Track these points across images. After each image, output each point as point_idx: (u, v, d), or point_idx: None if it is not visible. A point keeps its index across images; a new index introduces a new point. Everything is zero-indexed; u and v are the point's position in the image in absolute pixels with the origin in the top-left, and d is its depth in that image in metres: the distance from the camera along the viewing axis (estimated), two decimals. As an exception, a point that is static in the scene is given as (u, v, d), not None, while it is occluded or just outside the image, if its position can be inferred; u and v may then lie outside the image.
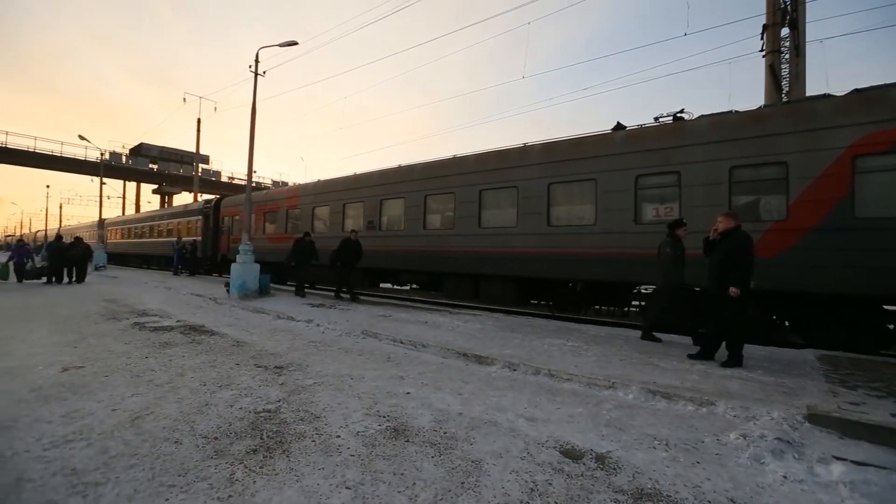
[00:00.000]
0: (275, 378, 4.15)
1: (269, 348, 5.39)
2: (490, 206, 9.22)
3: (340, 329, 6.52)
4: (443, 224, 10.00)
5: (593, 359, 4.82)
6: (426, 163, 10.67)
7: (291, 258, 10.85)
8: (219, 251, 17.97)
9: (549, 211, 8.25)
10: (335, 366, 4.61)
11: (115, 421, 3.06)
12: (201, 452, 2.61)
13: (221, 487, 2.23)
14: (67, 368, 4.35)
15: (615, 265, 7.34)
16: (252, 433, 2.90)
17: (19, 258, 14.19)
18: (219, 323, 7.16)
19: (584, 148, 7.93)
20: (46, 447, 2.64)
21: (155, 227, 24.61)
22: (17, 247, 14.80)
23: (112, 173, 35.91)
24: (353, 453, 2.63)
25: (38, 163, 33.78)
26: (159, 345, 5.48)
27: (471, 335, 6.13)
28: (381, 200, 11.17)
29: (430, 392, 3.82)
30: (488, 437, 2.90)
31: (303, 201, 13.55)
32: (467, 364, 4.86)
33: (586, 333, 6.37)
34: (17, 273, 13.97)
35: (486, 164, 9.30)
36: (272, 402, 3.50)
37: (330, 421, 3.12)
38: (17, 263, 14.06)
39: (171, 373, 4.26)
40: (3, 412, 3.17)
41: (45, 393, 3.62)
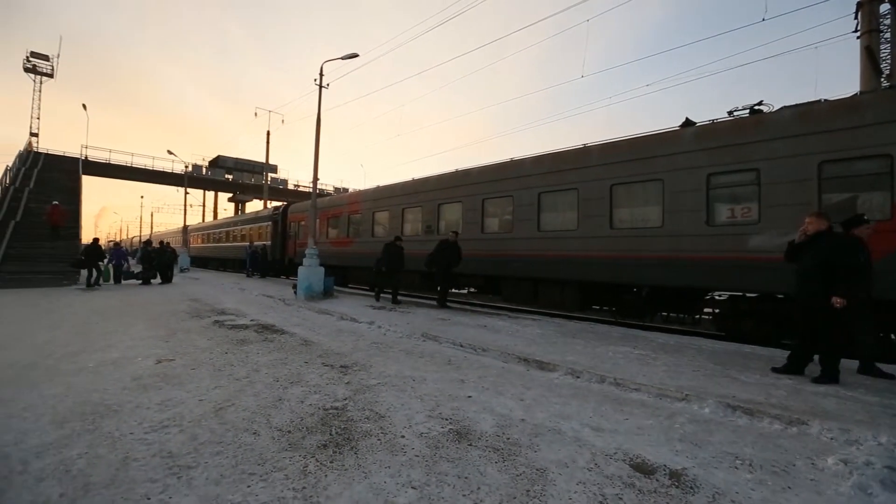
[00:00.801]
0: (341, 377, 4.32)
1: (334, 348, 5.63)
2: (549, 208, 9.04)
3: (401, 331, 6.67)
4: (501, 227, 9.94)
5: (663, 368, 4.56)
6: (483, 167, 10.68)
7: (382, 264, 10.32)
8: (286, 255, 19.06)
9: (612, 213, 7.94)
10: (397, 367, 4.73)
11: (202, 410, 3.34)
12: (277, 444, 2.78)
13: (296, 479, 2.37)
14: (161, 361, 4.81)
15: (685, 270, 6.92)
16: (322, 429, 3.04)
17: (118, 261, 15.82)
18: (288, 323, 7.59)
19: (649, 147, 7.56)
20: (147, 431, 2.94)
21: (230, 233, 26.60)
22: (116, 251, 16.51)
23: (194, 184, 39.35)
24: (417, 454, 2.68)
25: (134, 176, 37.83)
26: (237, 342, 5.91)
27: (531, 340, 6.03)
28: (439, 205, 11.31)
29: (492, 396, 3.81)
30: (553, 445, 2.84)
31: (363, 207, 14.04)
32: (528, 369, 4.79)
33: (654, 341, 6.06)
34: (115, 274, 15.62)
35: (545, 167, 9.13)
36: (339, 399, 3.65)
37: (394, 421, 3.20)
38: (116, 266, 15.68)
39: (248, 368, 4.57)
40: (112, 398, 3.56)
41: (144, 382, 4.03)
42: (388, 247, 10.33)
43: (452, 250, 9.50)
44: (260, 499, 2.16)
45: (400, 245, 10.40)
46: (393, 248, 10.28)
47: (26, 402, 3.45)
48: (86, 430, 2.94)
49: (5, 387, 3.81)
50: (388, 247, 10.32)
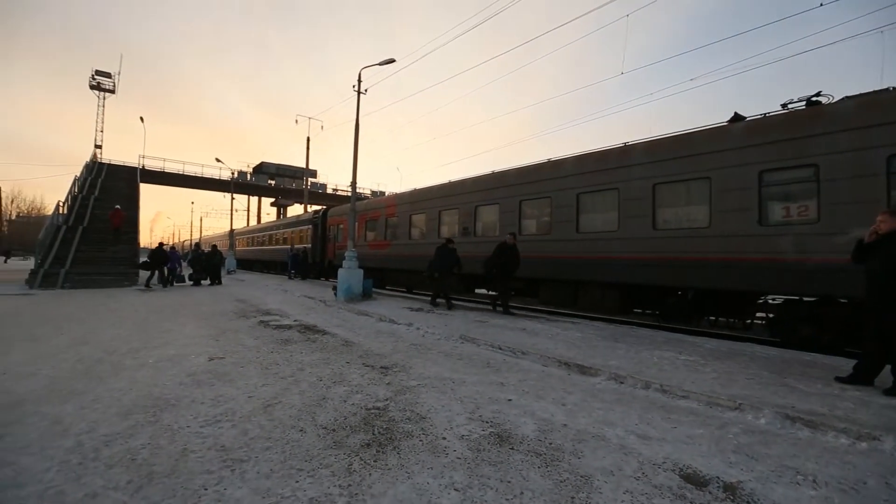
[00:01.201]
0: (381, 377, 4.40)
1: (374, 349, 5.74)
2: (589, 209, 8.85)
3: (439, 333, 6.71)
4: (539, 229, 9.82)
5: (713, 375, 4.36)
6: (520, 168, 10.59)
7: (435, 267, 9.90)
8: (326, 257, 19.59)
9: (655, 213, 7.68)
10: (436, 369, 4.76)
11: (251, 407, 3.49)
12: (322, 442, 2.86)
13: (342, 476, 2.43)
14: (212, 358, 5.06)
15: (735, 272, 6.59)
16: (365, 428, 3.11)
17: (172, 265, 16.61)
18: (329, 323, 7.80)
19: (695, 144, 7.25)
20: (202, 425, 3.10)
21: (273, 236, 27.64)
22: (171, 254, 17.40)
23: (240, 189, 41.17)
24: (459, 456, 2.69)
25: (185, 183, 40.05)
26: (281, 341, 6.13)
27: (571, 343, 5.92)
28: (476, 207, 11.31)
29: (532, 400, 3.77)
30: (597, 451, 2.77)
31: (400, 210, 14.24)
32: (569, 373, 4.70)
33: (702, 347, 5.80)
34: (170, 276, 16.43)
35: (584, 167, 8.95)
36: (381, 400, 3.72)
37: (435, 422, 3.22)
38: (170, 269, 16.50)
39: (293, 367, 4.73)
40: (170, 392, 3.78)
41: (198, 378, 4.25)
42: (440, 249, 9.89)
43: (512, 253, 8.84)
44: (308, 494, 2.23)
45: (452, 247, 9.92)
46: (445, 249, 9.85)
47: (95, 394, 3.71)
48: (148, 422, 3.13)
49: (78, 380, 4.12)
50: (441, 249, 9.87)
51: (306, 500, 2.17)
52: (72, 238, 16.95)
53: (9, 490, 2.20)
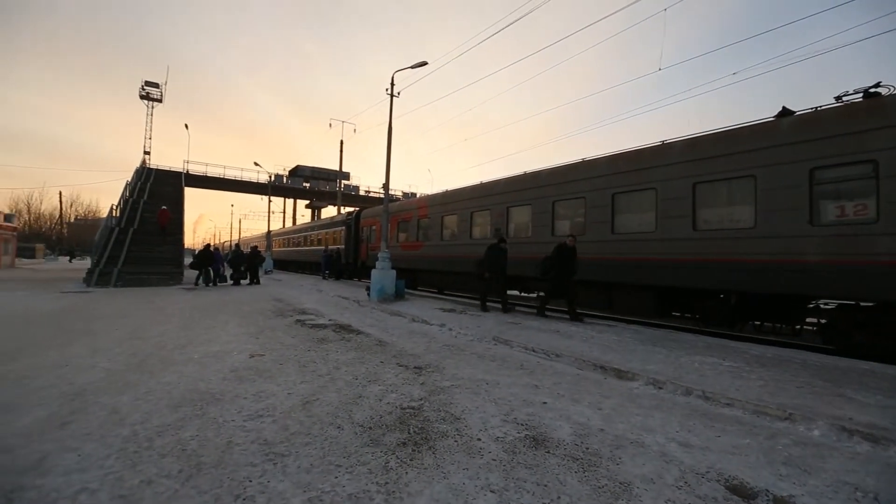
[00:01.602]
0: (415, 377, 4.44)
1: (407, 349, 5.80)
2: (624, 210, 8.63)
3: (472, 334, 6.71)
4: (573, 230, 9.65)
5: (759, 383, 4.16)
6: (553, 168, 10.45)
7: (486, 268, 9.30)
8: (359, 258, 19.95)
9: (696, 213, 7.40)
10: (470, 370, 4.76)
11: (291, 403, 3.60)
12: (359, 439, 2.92)
13: (379, 473, 2.47)
14: (253, 355, 5.25)
15: (782, 275, 6.26)
16: (400, 427, 3.15)
17: (215, 265, 17.16)
18: (363, 323, 7.94)
19: (739, 140, 6.94)
20: (245, 419, 3.22)
21: (307, 237, 28.38)
22: (217, 255, 17.75)
23: (276, 192, 42.48)
24: (494, 458, 2.68)
25: (226, 186, 41.69)
26: (317, 340, 6.29)
27: (607, 347, 5.79)
28: (508, 208, 11.23)
29: (568, 404, 3.71)
30: (636, 458, 2.70)
31: (432, 211, 14.33)
32: (605, 377, 4.60)
33: (747, 353, 5.54)
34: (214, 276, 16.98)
35: (620, 166, 8.74)
36: (415, 399, 3.75)
37: (469, 423, 3.23)
38: (214, 269, 17.06)
39: (329, 366, 4.85)
40: (215, 387, 3.95)
41: (240, 374, 4.42)
42: (492, 249, 9.37)
43: (571, 256, 8.19)
44: (347, 490, 2.28)
45: (504, 247, 9.42)
46: (497, 249, 9.32)
47: (148, 386, 3.93)
48: (195, 414, 3.28)
49: (132, 373, 4.37)
50: (493, 248, 9.37)
51: (345, 496, 2.22)
52: (124, 239, 17.98)
53: (74, 474, 2.36)
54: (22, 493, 2.17)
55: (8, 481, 2.27)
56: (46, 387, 3.86)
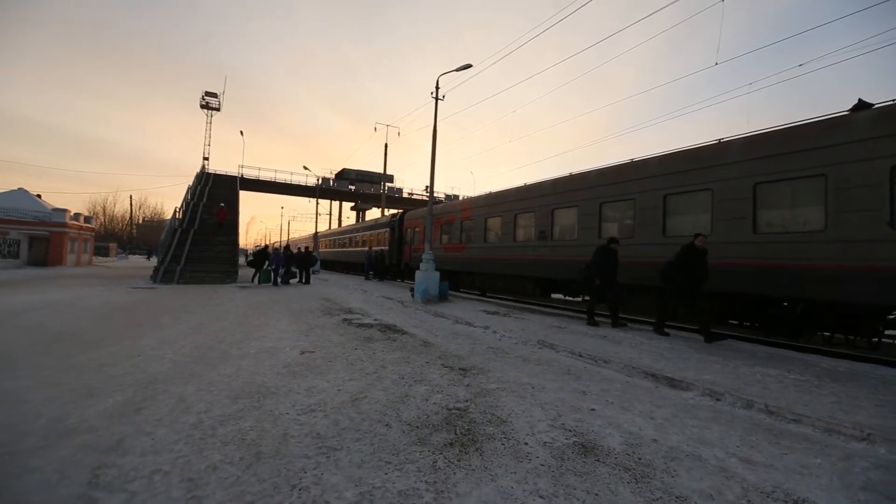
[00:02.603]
0: (460, 379, 4.46)
1: (452, 350, 5.83)
2: (677, 211, 8.27)
3: (516, 337, 6.66)
4: (621, 233, 9.35)
5: (831, 399, 3.86)
6: (601, 169, 10.17)
7: (598, 272, 7.88)
8: (402, 259, 20.26)
9: (756, 215, 6.97)
10: (515, 373, 4.72)
11: (341, 399, 3.71)
12: (407, 438, 2.97)
13: (427, 472, 2.50)
14: (304, 352, 5.46)
15: (858, 282, 5.76)
16: (447, 427, 3.17)
17: (277, 265, 17.29)
18: (407, 324, 8.06)
19: (808, 138, 6.47)
20: (299, 413, 3.36)
21: (353, 239, 29.16)
22: (276, 255, 17.95)
23: (323, 194, 44.00)
24: (542, 463, 2.65)
25: (276, 189, 43.67)
26: (364, 339, 6.45)
27: (658, 354, 5.56)
28: (553, 210, 11.04)
29: (617, 412, 3.60)
30: (693, 472, 2.59)
31: (475, 213, 14.33)
32: (657, 385, 4.42)
33: (815, 366, 5.15)
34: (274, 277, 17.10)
35: (673, 166, 8.37)
36: (461, 401, 3.77)
37: (516, 427, 3.21)
38: (274, 269, 17.16)
39: (376, 364, 4.96)
40: (270, 381, 4.15)
41: (293, 370, 4.61)
42: (602, 250, 7.91)
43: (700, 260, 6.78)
44: (397, 486, 2.33)
45: (615, 247, 7.96)
46: (607, 251, 7.88)
47: (210, 378, 4.18)
48: (253, 406, 3.47)
49: (196, 365, 4.67)
50: (602, 250, 7.90)
51: (395, 492, 2.27)
52: (185, 240, 19.23)
53: (149, 455, 2.56)
54: (106, 470, 2.37)
55: (94, 459, 2.49)
56: (122, 374, 4.20)
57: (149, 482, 2.28)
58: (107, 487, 2.22)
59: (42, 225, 26.15)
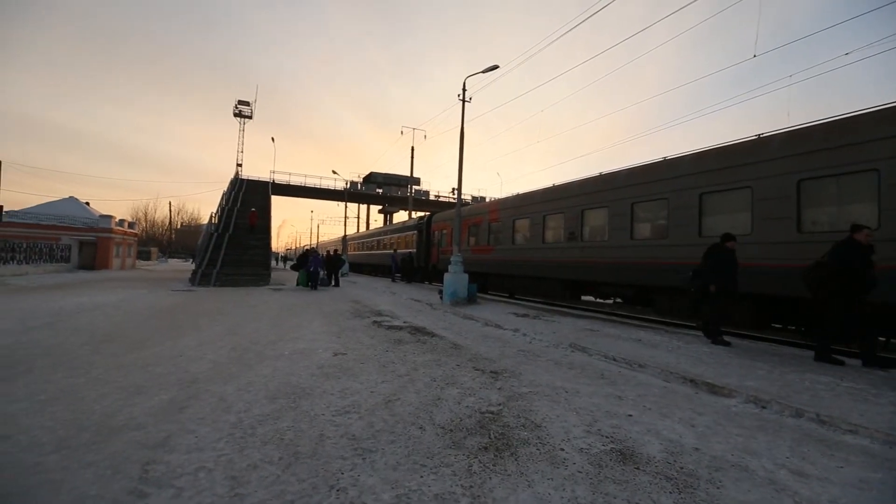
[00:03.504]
0: (492, 382, 4.43)
1: (482, 353, 5.80)
2: (713, 211, 7.98)
3: (547, 340, 6.56)
4: (653, 233, 9.11)
5: (891, 409, 3.62)
6: (632, 168, 9.94)
7: (709, 280, 6.60)
8: (430, 262, 20.35)
9: (800, 213, 6.64)
10: (547, 377, 4.65)
11: (374, 401, 3.75)
12: (441, 441, 2.97)
13: (463, 476, 2.49)
14: (336, 354, 5.55)
15: (916, 283, 5.40)
16: (481, 431, 3.15)
17: (315, 267, 16.86)
18: (436, 326, 8.08)
19: (857, 131, 6.12)
20: (334, 414, 3.41)
21: (380, 241, 29.50)
22: (314, 257, 17.37)
23: (352, 198, 44.74)
24: (579, 469, 2.59)
25: (306, 194, 44.69)
26: (394, 341, 6.50)
27: (697, 359, 5.37)
28: (583, 210, 10.86)
29: (656, 418, 3.49)
30: (740, 483, 2.47)
31: (503, 214, 14.25)
32: (697, 392, 4.27)
33: (871, 373, 4.85)
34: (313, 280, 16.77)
35: (707, 164, 8.09)
36: (493, 404, 3.74)
37: (551, 432, 3.15)
38: (313, 273, 16.81)
39: (407, 366, 4.99)
40: (305, 382, 4.23)
41: (326, 371, 4.69)
42: (714, 251, 6.64)
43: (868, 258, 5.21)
44: (433, 490, 2.32)
45: (732, 247, 6.61)
46: (724, 253, 6.55)
47: (247, 379, 4.30)
48: (289, 406, 3.54)
49: (234, 365, 4.82)
50: (716, 252, 6.61)
51: (431, 496, 2.26)
52: (221, 244, 19.92)
53: (193, 453, 2.65)
54: (154, 466, 2.47)
55: (143, 455, 2.60)
56: (166, 374, 4.37)
57: (194, 479, 2.36)
58: (156, 483, 2.31)
59: (90, 231, 27.61)
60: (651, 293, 9.26)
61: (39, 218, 27.17)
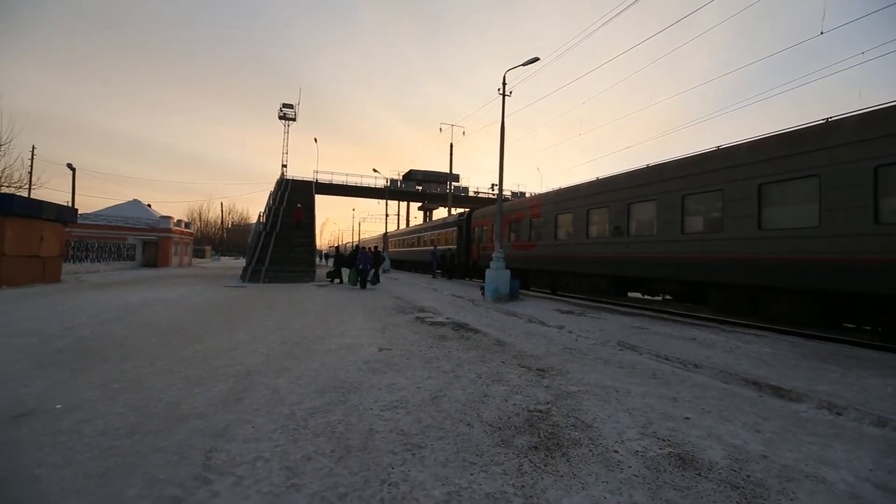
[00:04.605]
0: (539, 380, 4.35)
1: (527, 350, 5.71)
2: (775, 202, 7.44)
3: (594, 338, 6.38)
4: (707, 227, 8.63)
5: None
6: (682, 159, 9.45)
7: None
8: (470, 258, 20.30)
9: (878, 204, 6.07)
10: (595, 375, 4.51)
11: (421, 397, 3.76)
12: (490, 439, 2.93)
13: (513, 475, 2.45)
14: (382, 349, 5.63)
15: None
16: (529, 430, 3.09)
17: (364, 265, 16.11)
18: (479, 322, 8.04)
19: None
20: (382, 409, 3.45)
21: (420, 238, 29.74)
22: (363, 255, 16.22)
23: (392, 196, 45.34)
24: (636, 473, 2.49)
25: (348, 192, 45.77)
26: (438, 337, 6.52)
27: (759, 360, 5.04)
28: (629, 204, 10.45)
29: (716, 422, 3.30)
30: (816, 496, 2.29)
31: (545, 209, 13.97)
32: (760, 395, 4.00)
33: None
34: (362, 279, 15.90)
35: (768, 152, 7.55)
36: (541, 403, 3.67)
37: (603, 433, 3.05)
38: (362, 271, 15.88)
39: (452, 363, 4.98)
40: (352, 377, 4.32)
41: (372, 366, 4.76)
42: None
43: None
44: (483, 488, 2.30)
45: None
46: None
47: (298, 372, 4.44)
48: (339, 400, 3.62)
49: (285, 359, 4.99)
50: None
51: (483, 494, 2.24)
52: (269, 242, 20.74)
53: (251, 443, 2.76)
54: (216, 454, 2.59)
55: (206, 442, 2.73)
56: (223, 366, 4.59)
57: (252, 468, 2.45)
58: (218, 470, 2.42)
59: (152, 231, 29.56)
60: (704, 289, 8.79)
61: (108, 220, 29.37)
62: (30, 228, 13.59)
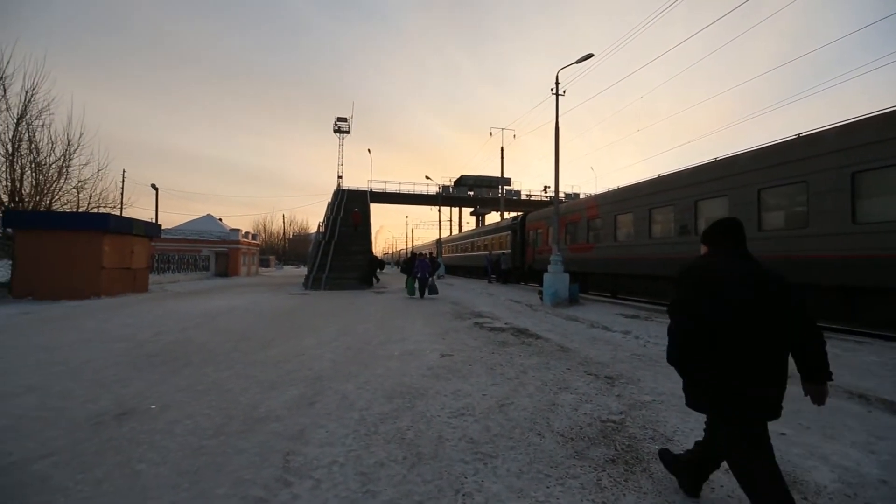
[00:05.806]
0: (608, 388, 4.15)
1: (592, 357, 5.49)
2: (871, 193, 6.67)
3: (664, 344, 6.00)
4: (789, 222, 7.90)
5: None
6: (756, 150, 8.73)
7: None
8: (525, 262, 19.99)
9: None
10: (670, 384, 4.23)
11: (487, 404, 3.71)
12: (563, 450, 2.82)
13: (592, 490, 2.32)
14: (443, 355, 5.63)
15: None
16: (605, 442, 2.94)
17: (422, 273, 14.66)
18: (539, 328, 7.85)
19: None
20: (449, 416, 3.43)
21: (474, 243, 29.71)
22: (421, 262, 15.05)
23: (445, 202, 45.73)
24: (729, 493, 2.29)
25: (401, 200, 46.71)
26: (498, 343, 6.43)
27: (865, 370, 4.50)
28: (696, 202, 9.81)
29: (819, 440, 2.97)
30: (956, 529, 1.97)
31: (603, 210, 13.47)
32: (869, 410, 3.56)
33: None
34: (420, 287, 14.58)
35: (861, 137, 6.78)
36: (614, 413, 3.49)
37: (686, 447, 2.83)
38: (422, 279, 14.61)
39: (516, 369, 4.88)
40: (417, 383, 4.34)
41: (436, 372, 4.77)
42: None
43: None
44: (562, 502, 2.20)
45: None
46: None
47: (365, 377, 4.54)
48: (406, 406, 3.64)
49: (351, 364, 5.13)
50: None
51: (562, 509, 2.14)
52: (328, 251, 21.60)
53: (326, 447, 2.83)
54: (294, 457, 2.68)
55: (284, 445, 2.84)
56: (294, 370, 4.79)
57: (329, 472, 2.51)
58: (296, 472, 2.50)
59: (223, 243, 31.84)
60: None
61: (185, 234, 32.02)
62: (123, 243, 15.06)
